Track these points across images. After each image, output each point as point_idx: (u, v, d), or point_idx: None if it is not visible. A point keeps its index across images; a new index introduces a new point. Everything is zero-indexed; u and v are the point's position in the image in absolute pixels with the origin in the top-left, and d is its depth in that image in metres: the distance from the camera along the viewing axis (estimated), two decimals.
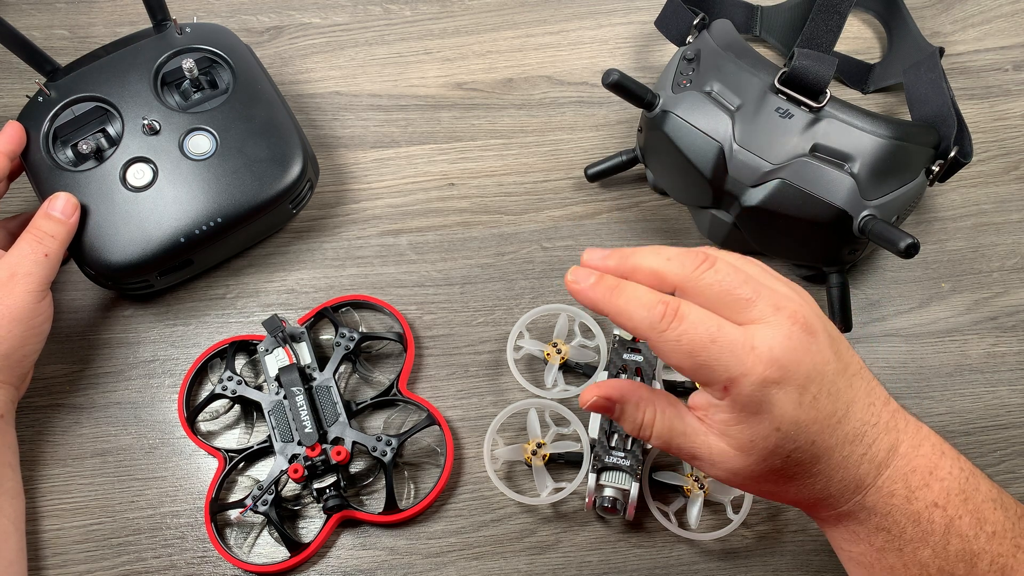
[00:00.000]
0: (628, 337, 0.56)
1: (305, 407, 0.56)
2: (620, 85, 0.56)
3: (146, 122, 0.59)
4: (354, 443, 0.55)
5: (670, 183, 0.61)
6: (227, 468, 0.56)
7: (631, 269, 0.41)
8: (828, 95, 0.54)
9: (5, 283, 0.53)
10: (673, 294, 0.40)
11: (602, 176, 0.65)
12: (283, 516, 0.55)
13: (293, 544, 0.54)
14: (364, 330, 0.60)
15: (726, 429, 0.40)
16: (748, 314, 0.39)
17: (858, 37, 0.72)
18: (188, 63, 0.61)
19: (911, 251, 0.50)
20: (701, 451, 0.41)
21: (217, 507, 0.55)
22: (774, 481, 0.41)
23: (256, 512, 0.54)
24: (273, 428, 0.56)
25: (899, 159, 0.54)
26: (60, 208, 0.56)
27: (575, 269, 0.41)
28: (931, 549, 0.40)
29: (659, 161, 0.60)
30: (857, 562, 0.43)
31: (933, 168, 0.56)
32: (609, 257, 0.42)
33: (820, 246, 0.56)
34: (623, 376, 0.54)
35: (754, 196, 0.54)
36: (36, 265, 0.54)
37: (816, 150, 0.54)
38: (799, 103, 0.54)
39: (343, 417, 0.56)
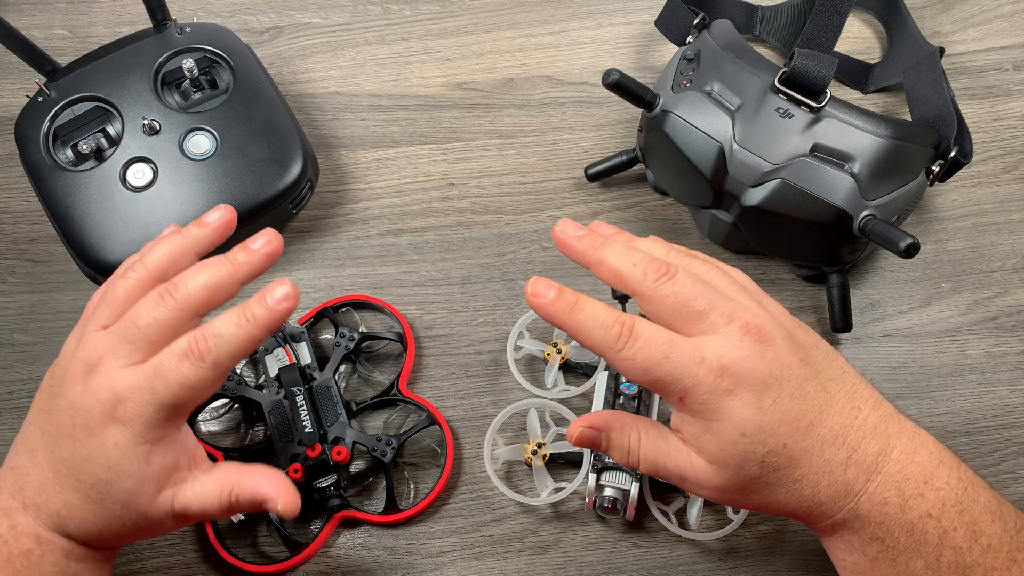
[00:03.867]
0: None
1: (305, 407, 0.56)
2: (620, 85, 0.56)
3: (146, 122, 0.59)
4: (354, 443, 0.55)
5: (670, 183, 0.61)
6: None
7: (596, 262, 0.43)
8: (828, 95, 0.54)
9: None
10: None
11: (602, 176, 0.65)
12: None
13: (293, 544, 0.54)
14: (364, 330, 0.60)
15: (699, 442, 0.41)
16: (700, 326, 0.40)
17: (858, 37, 0.72)
18: (188, 63, 0.61)
19: (911, 251, 0.50)
20: (686, 470, 0.42)
21: None
22: (759, 491, 0.41)
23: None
24: (273, 428, 0.56)
25: (899, 159, 0.54)
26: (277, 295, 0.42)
27: (536, 280, 0.41)
28: (924, 560, 0.40)
29: (659, 161, 0.60)
30: (851, 571, 0.43)
31: (933, 168, 0.56)
32: (582, 239, 0.43)
33: (820, 246, 0.56)
34: (622, 376, 0.54)
35: (754, 196, 0.54)
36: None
37: (816, 150, 0.54)
38: (799, 103, 0.54)
39: (343, 417, 0.56)
